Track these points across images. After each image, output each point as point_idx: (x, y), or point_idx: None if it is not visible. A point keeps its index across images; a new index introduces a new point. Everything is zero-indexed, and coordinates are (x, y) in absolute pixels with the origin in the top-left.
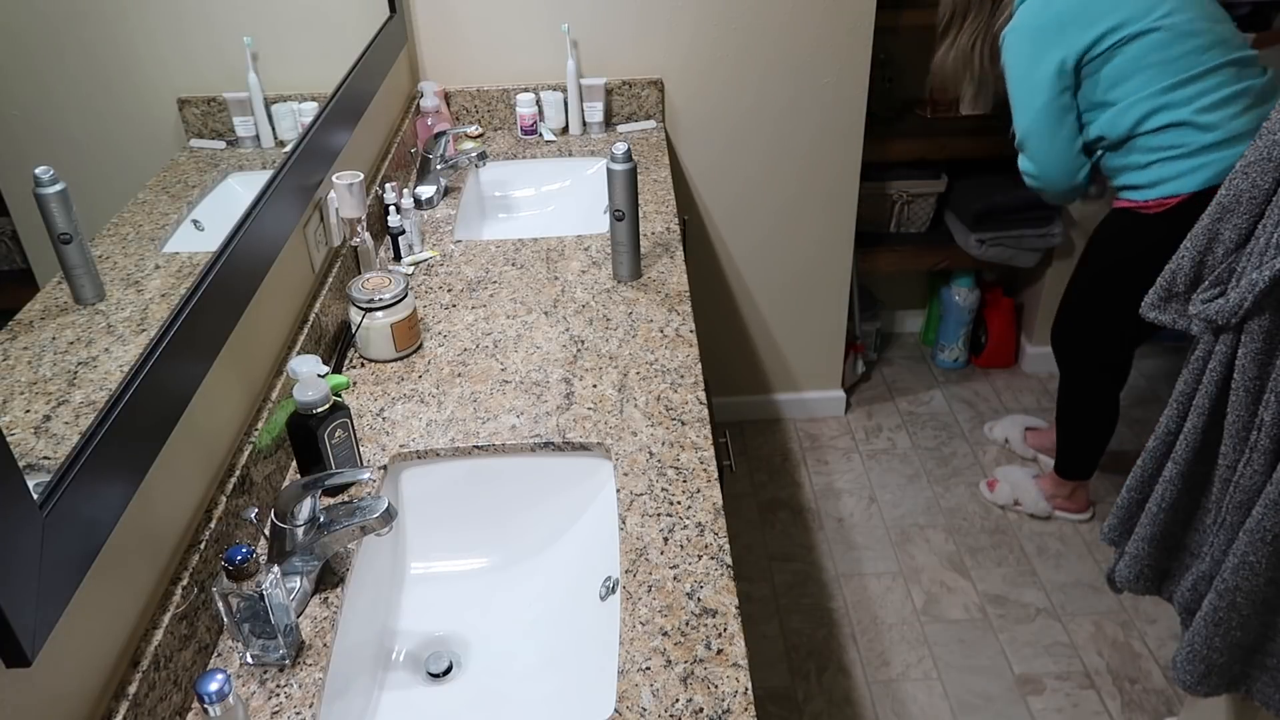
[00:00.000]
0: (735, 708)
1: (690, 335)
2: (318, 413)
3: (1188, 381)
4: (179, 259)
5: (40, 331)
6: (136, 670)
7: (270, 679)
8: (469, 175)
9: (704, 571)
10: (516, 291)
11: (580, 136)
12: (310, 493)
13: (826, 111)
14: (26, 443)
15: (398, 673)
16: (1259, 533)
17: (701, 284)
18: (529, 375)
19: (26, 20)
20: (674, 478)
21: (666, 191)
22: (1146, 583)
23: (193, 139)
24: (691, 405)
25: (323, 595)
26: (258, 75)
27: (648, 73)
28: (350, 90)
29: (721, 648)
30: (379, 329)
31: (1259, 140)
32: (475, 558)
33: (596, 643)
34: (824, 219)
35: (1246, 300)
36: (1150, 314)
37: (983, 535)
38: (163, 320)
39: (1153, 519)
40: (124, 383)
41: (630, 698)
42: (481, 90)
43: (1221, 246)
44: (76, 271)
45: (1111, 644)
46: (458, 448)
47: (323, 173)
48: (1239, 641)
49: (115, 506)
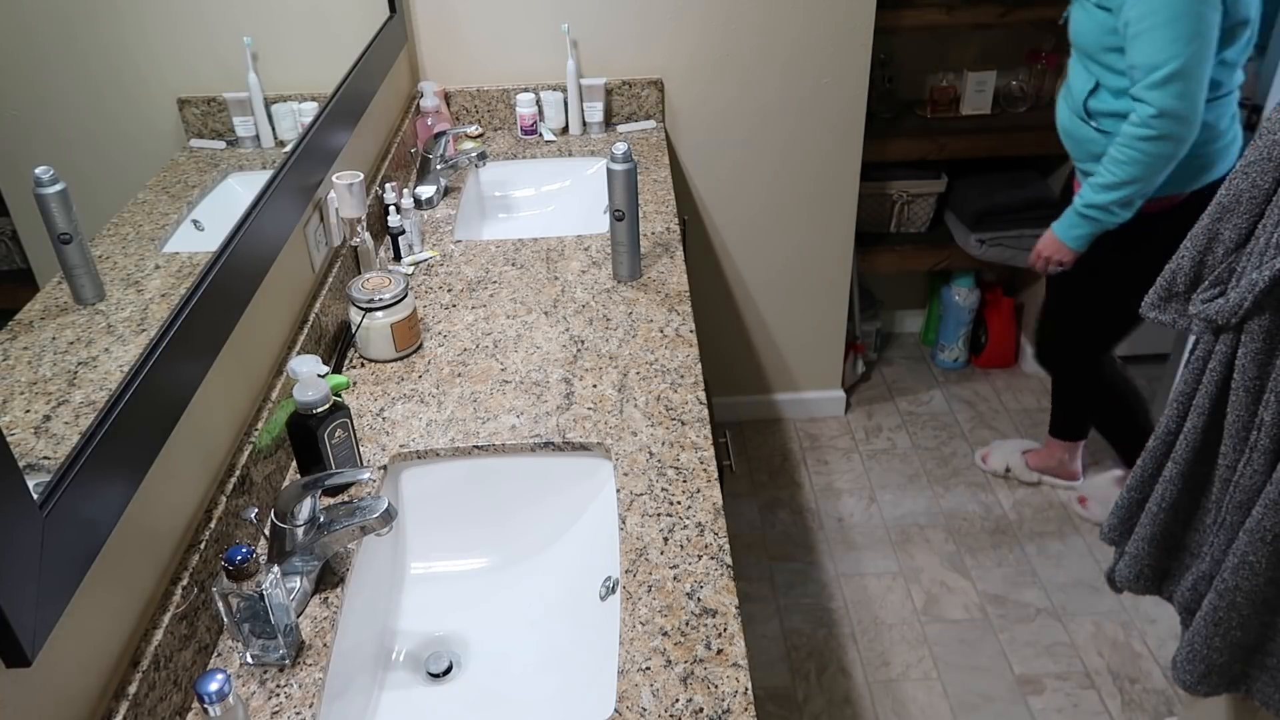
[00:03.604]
0: (735, 708)
1: (690, 335)
2: (318, 413)
3: (1188, 381)
4: (179, 259)
5: (40, 331)
6: (136, 670)
7: (270, 679)
8: (469, 175)
9: (704, 571)
10: (516, 291)
11: (580, 136)
12: (310, 493)
13: (826, 111)
14: (26, 443)
15: (398, 673)
16: (1259, 532)
17: (701, 284)
18: (529, 375)
19: (27, 20)
20: (674, 478)
21: (666, 191)
22: (1146, 583)
23: (193, 139)
24: (691, 405)
25: (323, 595)
26: (258, 75)
27: (648, 73)
28: (350, 90)
29: (721, 648)
30: (379, 329)
31: (1259, 140)
32: (475, 558)
33: (596, 643)
34: (824, 219)
35: (1246, 300)
36: (1150, 314)
37: (983, 535)
38: (163, 320)
39: (1153, 519)
40: (124, 383)
41: (630, 698)
42: (481, 90)
43: (1221, 246)
44: (76, 271)
45: (1111, 644)
46: (458, 448)
47: (323, 173)
48: (1239, 641)
49: (115, 506)
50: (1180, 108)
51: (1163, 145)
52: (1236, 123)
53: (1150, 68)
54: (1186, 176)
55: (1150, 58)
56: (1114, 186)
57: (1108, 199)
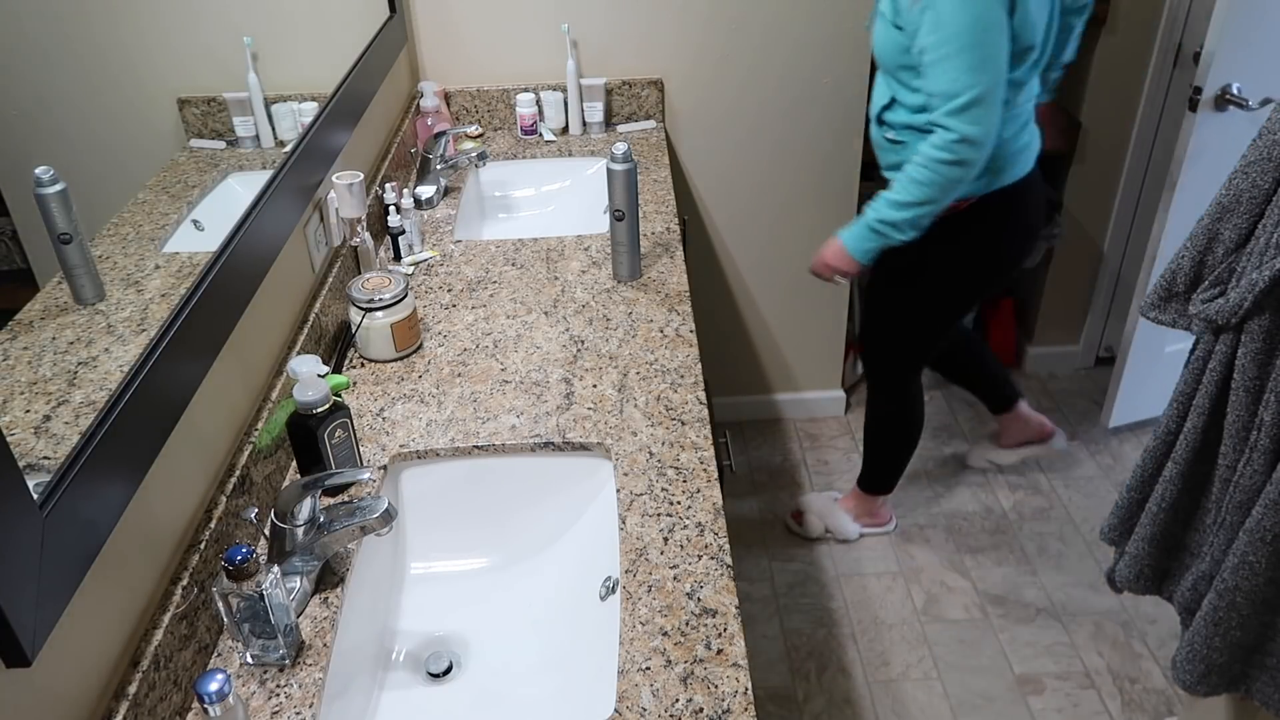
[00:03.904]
0: (735, 708)
1: (690, 335)
2: (318, 413)
3: (1188, 381)
4: (179, 259)
5: (40, 331)
6: (136, 670)
7: (270, 679)
8: (469, 175)
9: (704, 571)
10: (516, 291)
11: (580, 136)
12: (310, 493)
13: (826, 111)
14: (26, 443)
15: (398, 673)
16: (1259, 532)
17: (701, 284)
18: (529, 375)
19: (27, 20)
20: (674, 478)
21: (666, 191)
22: (1146, 583)
23: (193, 139)
24: (691, 405)
25: (323, 595)
26: (258, 75)
27: (648, 73)
28: (350, 90)
29: (721, 648)
30: (379, 329)
31: (1259, 140)
32: (475, 558)
33: (596, 643)
34: (824, 219)
35: (1246, 300)
36: (1150, 314)
37: (983, 535)
38: (163, 320)
39: (1153, 519)
40: (124, 383)
41: (630, 698)
42: (481, 90)
43: (1221, 246)
44: (76, 271)
45: (1111, 644)
46: (458, 448)
47: (323, 173)
48: (1239, 641)
49: (115, 506)
50: (978, 133)
51: (959, 169)
52: (1028, 130)
53: (948, 96)
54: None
55: (947, 86)
56: (909, 205)
57: (900, 216)
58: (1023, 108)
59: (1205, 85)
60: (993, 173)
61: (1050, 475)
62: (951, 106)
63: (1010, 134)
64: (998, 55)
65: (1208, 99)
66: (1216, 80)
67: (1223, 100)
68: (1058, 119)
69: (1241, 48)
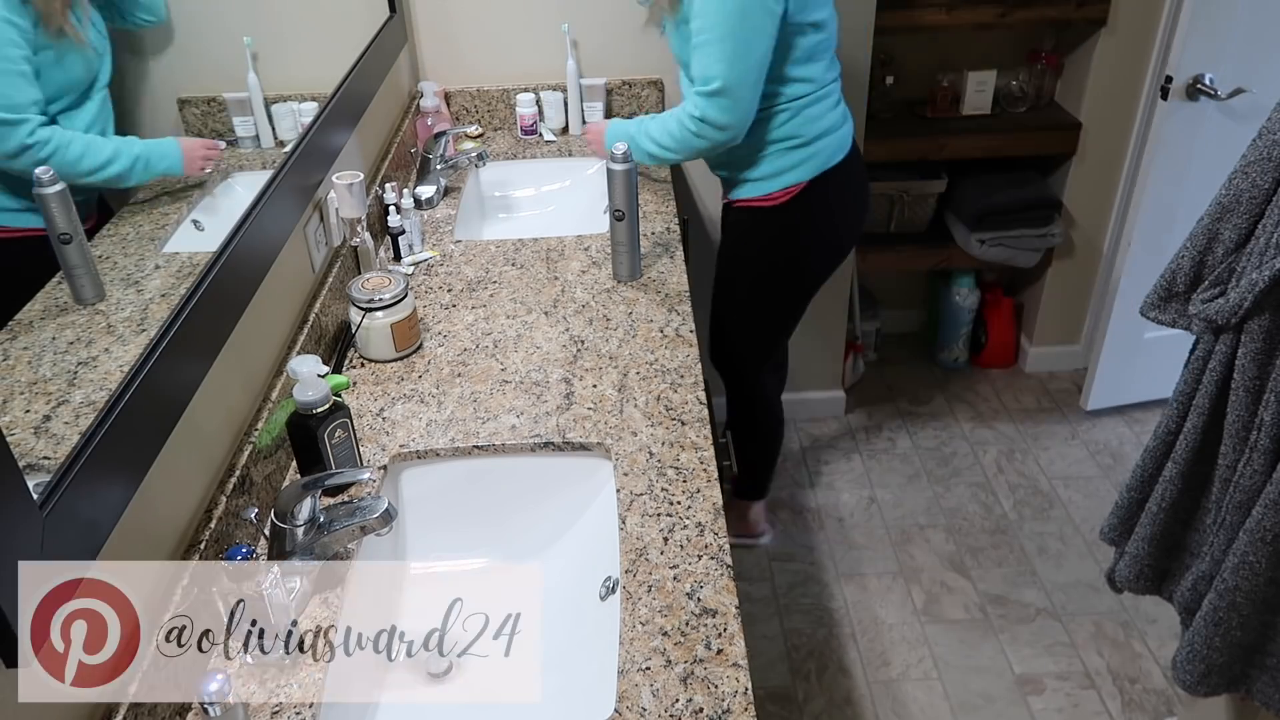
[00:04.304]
0: (735, 708)
1: (690, 335)
2: (318, 413)
3: (1188, 381)
4: (179, 259)
5: (40, 331)
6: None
7: (270, 679)
8: (469, 175)
9: (704, 571)
10: (516, 291)
11: (580, 136)
12: (310, 493)
13: None
14: (26, 443)
15: (397, 673)
16: (1259, 532)
17: (701, 284)
18: (529, 375)
19: None
20: (674, 478)
21: (666, 191)
22: (1146, 582)
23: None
24: (691, 405)
25: (323, 595)
26: (258, 75)
27: (648, 73)
28: (350, 90)
29: (721, 648)
30: (379, 329)
31: (1259, 140)
32: (475, 557)
33: (596, 643)
34: None
35: (1246, 300)
36: (1150, 314)
37: (983, 535)
38: (163, 320)
39: (1153, 519)
40: (124, 383)
41: (630, 698)
42: (481, 90)
43: (1221, 246)
44: (76, 271)
45: (1111, 644)
46: (458, 448)
47: (323, 173)
48: (1239, 641)
49: (115, 506)
50: (721, 119)
51: (702, 142)
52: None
53: (703, 80)
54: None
55: (700, 71)
56: (659, 147)
57: (650, 149)
58: (826, 90)
59: (1176, 74)
60: (806, 160)
61: (1050, 475)
62: (701, 90)
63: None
64: (754, 47)
65: (1179, 87)
66: (1187, 69)
67: (1194, 89)
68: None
69: (1213, 38)
